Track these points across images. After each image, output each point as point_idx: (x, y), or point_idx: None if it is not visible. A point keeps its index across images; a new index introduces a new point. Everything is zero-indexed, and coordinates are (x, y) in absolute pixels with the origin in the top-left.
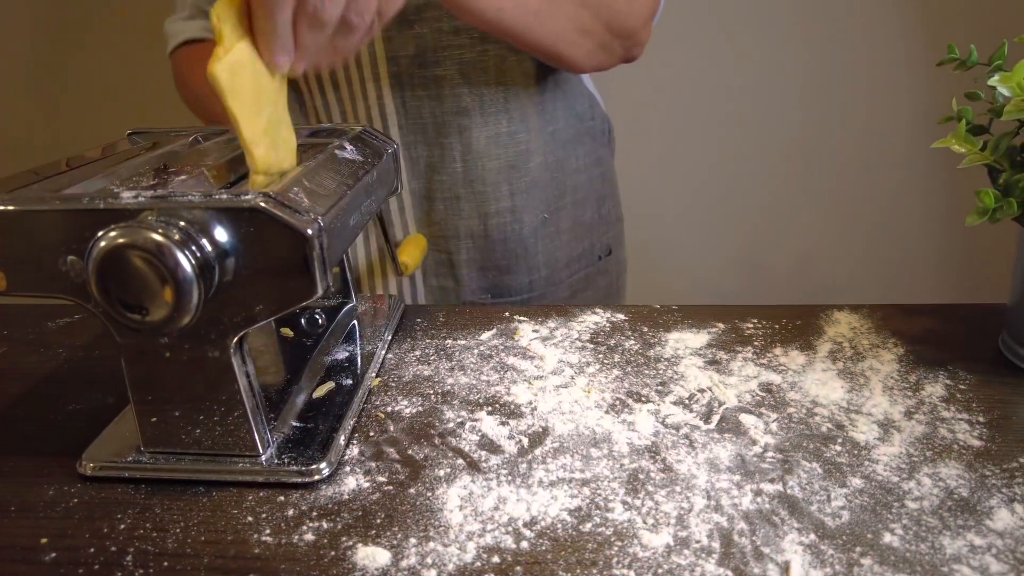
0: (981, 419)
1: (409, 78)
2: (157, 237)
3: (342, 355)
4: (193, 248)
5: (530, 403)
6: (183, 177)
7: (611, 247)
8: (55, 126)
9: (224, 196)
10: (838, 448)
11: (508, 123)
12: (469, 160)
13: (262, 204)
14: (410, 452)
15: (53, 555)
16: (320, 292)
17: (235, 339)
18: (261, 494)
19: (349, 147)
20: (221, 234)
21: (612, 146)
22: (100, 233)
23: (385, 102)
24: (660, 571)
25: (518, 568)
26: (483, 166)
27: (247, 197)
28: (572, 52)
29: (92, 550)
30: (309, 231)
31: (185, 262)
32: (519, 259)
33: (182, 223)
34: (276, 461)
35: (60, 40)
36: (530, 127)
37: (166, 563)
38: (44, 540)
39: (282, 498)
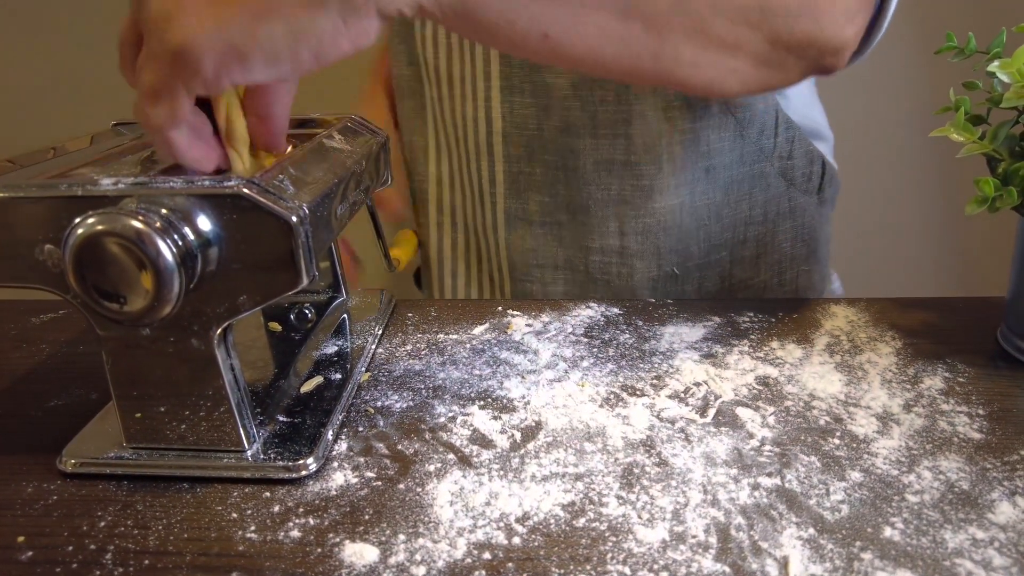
0: (981, 412)
1: (520, 82)
2: (137, 224)
3: (331, 349)
4: (175, 236)
5: (523, 397)
6: (168, 165)
7: None
8: (40, 117)
9: (207, 183)
10: (836, 441)
11: (627, 151)
12: (574, 186)
13: (245, 190)
14: (400, 447)
15: (30, 554)
16: (305, 282)
17: (219, 331)
18: (246, 490)
19: (338, 136)
20: (204, 222)
21: (825, 194)
22: (77, 220)
23: (492, 105)
24: (656, 567)
25: (510, 564)
26: (589, 195)
27: (230, 183)
28: (701, 77)
29: (70, 548)
30: (294, 218)
31: (166, 250)
32: None
33: (163, 210)
34: (262, 456)
35: (46, 30)
36: (662, 159)
37: (147, 561)
38: (21, 539)
39: (268, 494)
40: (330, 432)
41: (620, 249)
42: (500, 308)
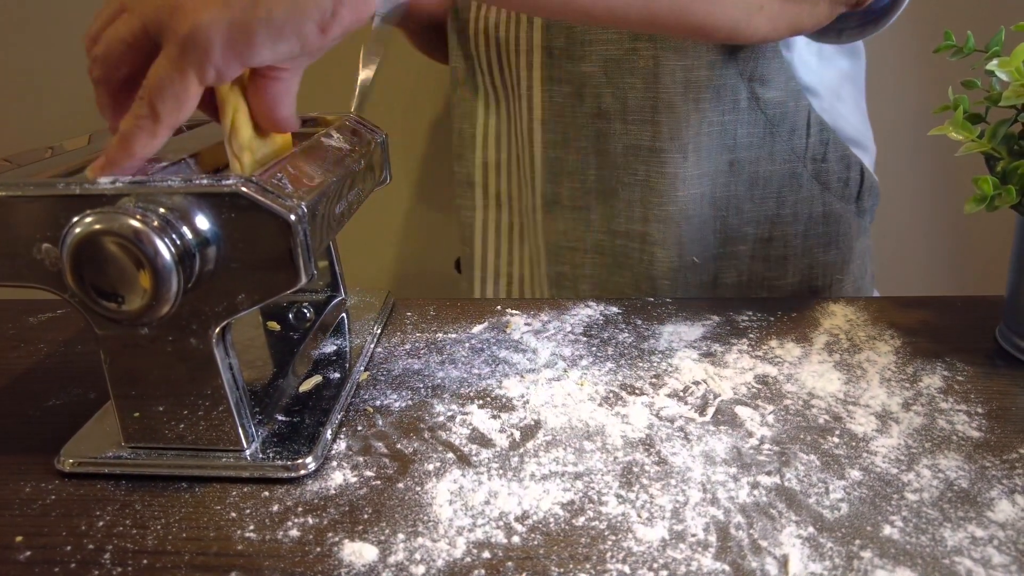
0: (980, 410)
1: (559, 72)
2: (135, 223)
3: (330, 349)
4: (173, 235)
5: (522, 396)
6: (164, 164)
7: None
8: (38, 116)
9: (205, 181)
10: (836, 440)
11: (653, 138)
12: (603, 171)
13: (244, 189)
14: (399, 446)
15: (28, 553)
16: (304, 280)
17: (217, 330)
18: (245, 489)
19: (336, 135)
20: (202, 221)
21: (864, 203)
22: (75, 219)
23: (534, 94)
24: (655, 565)
25: (509, 563)
26: (617, 179)
27: (228, 182)
28: (724, 17)
29: (69, 548)
30: (292, 217)
31: (164, 249)
32: (642, 295)
33: (161, 209)
34: (261, 456)
35: (43, 28)
36: (687, 149)
37: (145, 561)
38: (19, 538)
39: (267, 493)
40: (329, 431)
41: (643, 235)
42: (499, 307)
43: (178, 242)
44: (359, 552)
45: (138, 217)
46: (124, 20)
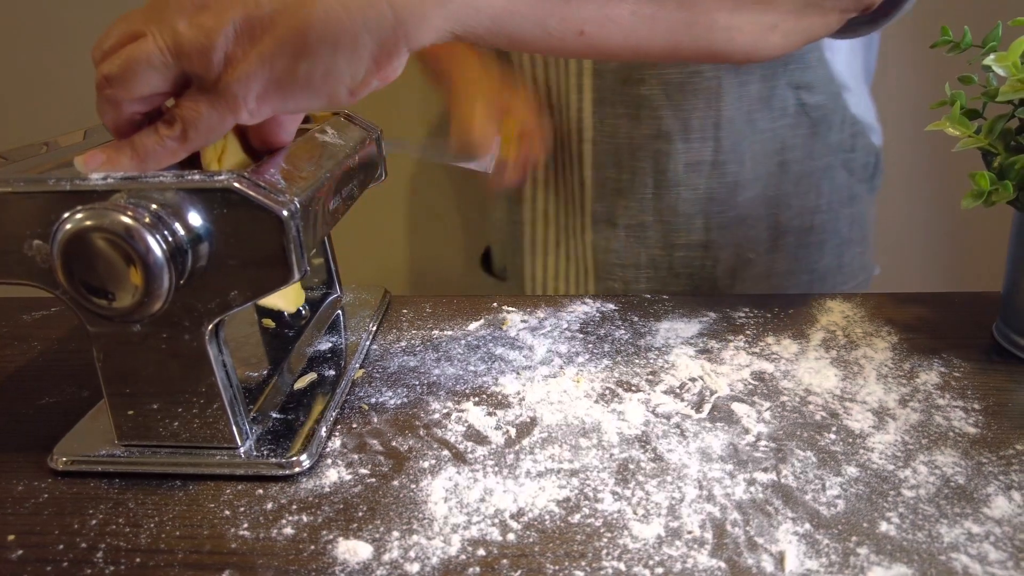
0: (976, 406)
1: (611, 95)
2: (126, 219)
3: (325, 346)
4: (165, 231)
5: (518, 393)
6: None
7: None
8: (33, 113)
9: (197, 177)
10: (832, 436)
11: (715, 151)
12: (662, 188)
13: (236, 184)
14: (394, 444)
15: (20, 552)
16: (297, 277)
17: (210, 327)
18: (239, 487)
19: (330, 131)
20: (194, 217)
21: (875, 182)
22: (66, 215)
23: (583, 116)
24: (651, 563)
25: (504, 561)
26: (677, 195)
27: (220, 177)
28: (741, 41)
29: (61, 547)
30: (284, 212)
31: (155, 246)
32: (701, 295)
33: (153, 205)
34: (255, 453)
35: (40, 24)
36: (744, 157)
37: (138, 559)
38: (11, 537)
39: (261, 491)
40: (324, 429)
41: (705, 243)
42: (495, 304)
43: (170, 238)
44: (353, 550)
45: (129, 213)
46: (151, 44)
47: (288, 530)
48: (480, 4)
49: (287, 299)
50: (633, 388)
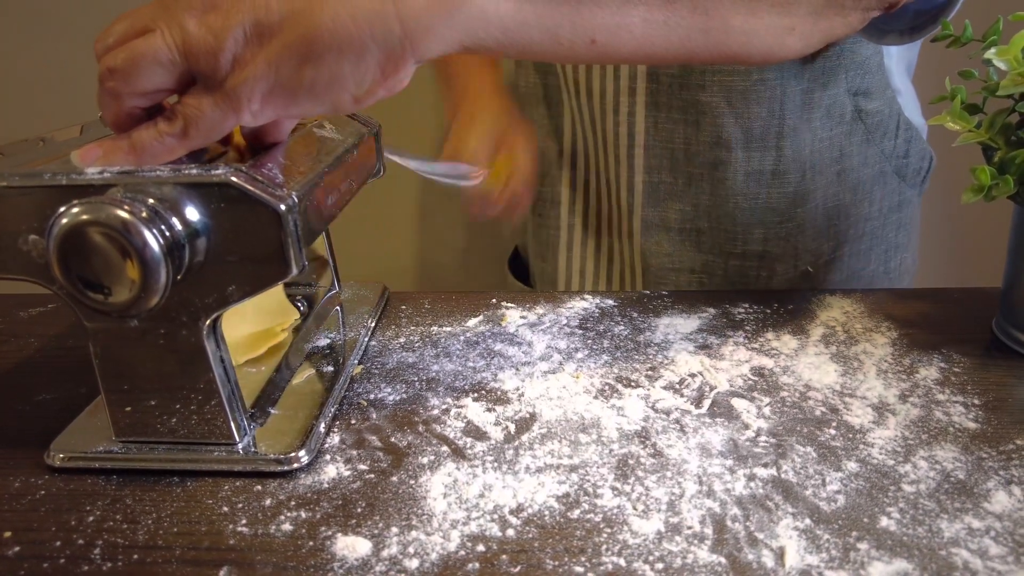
0: (976, 401)
1: (667, 99)
2: (123, 214)
3: (323, 342)
4: (161, 226)
5: (517, 389)
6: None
7: None
8: (30, 108)
9: (194, 171)
10: (832, 432)
11: (777, 161)
12: (720, 196)
13: (233, 179)
14: (393, 440)
15: (17, 549)
16: (294, 271)
17: (208, 322)
18: (237, 483)
19: (328, 125)
20: (192, 212)
21: (925, 185)
22: (62, 209)
23: (636, 119)
24: (651, 558)
25: (504, 556)
26: (735, 204)
27: (218, 172)
28: (758, 45)
29: (58, 543)
30: (282, 207)
31: (152, 240)
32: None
33: (150, 200)
34: (253, 449)
35: (37, 20)
36: (805, 167)
37: (136, 556)
38: (8, 534)
39: (259, 487)
40: (322, 425)
41: (762, 254)
42: (494, 300)
43: (167, 233)
44: (352, 546)
45: (126, 207)
46: (159, 40)
47: (287, 526)
48: (489, 15)
49: (255, 343)
50: (633, 384)
